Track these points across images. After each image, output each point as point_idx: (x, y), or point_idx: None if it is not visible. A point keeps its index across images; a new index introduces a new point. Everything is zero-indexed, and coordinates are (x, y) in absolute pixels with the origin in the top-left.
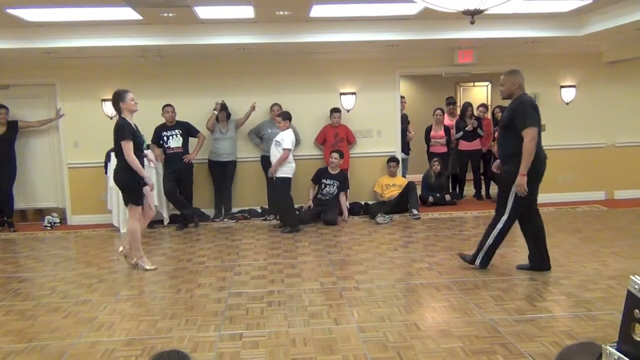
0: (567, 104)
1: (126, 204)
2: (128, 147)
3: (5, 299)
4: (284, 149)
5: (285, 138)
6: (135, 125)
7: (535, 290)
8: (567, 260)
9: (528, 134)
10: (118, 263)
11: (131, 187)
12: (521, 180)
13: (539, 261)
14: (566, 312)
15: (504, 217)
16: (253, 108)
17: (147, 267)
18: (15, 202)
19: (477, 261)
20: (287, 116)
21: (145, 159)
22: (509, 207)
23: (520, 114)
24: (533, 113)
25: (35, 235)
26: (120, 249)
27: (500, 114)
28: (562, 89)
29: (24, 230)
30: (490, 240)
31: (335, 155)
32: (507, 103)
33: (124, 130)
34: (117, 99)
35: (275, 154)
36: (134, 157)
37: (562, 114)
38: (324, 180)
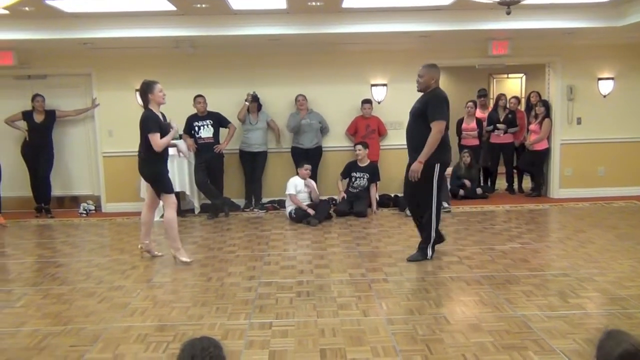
0: (605, 96)
1: (158, 194)
2: (155, 139)
3: (43, 283)
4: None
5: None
6: (163, 114)
7: (568, 286)
8: (601, 256)
9: (436, 126)
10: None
11: (159, 176)
12: (417, 167)
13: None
14: (600, 310)
15: (434, 209)
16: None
17: (184, 260)
18: (53, 189)
19: (429, 253)
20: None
21: (175, 149)
22: (434, 197)
23: (432, 105)
24: (444, 107)
25: (72, 221)
26: (140, 246)
27: (536, 98)
28: (600, 82)
29: (60, 217)
30: (433, 233)
31: (359, 147)
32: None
33: (149, 123)
34: (146, 90)
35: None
36: (161, 144)
37: (599, 107)
38: (354, 174)
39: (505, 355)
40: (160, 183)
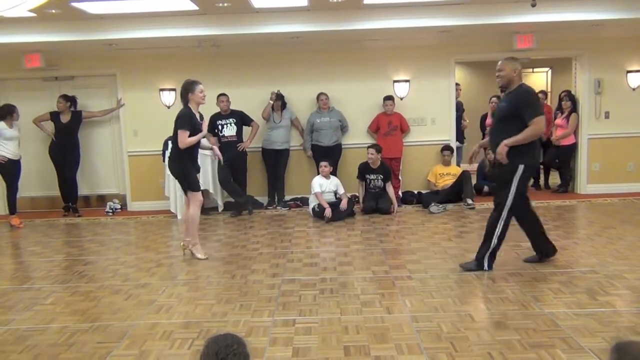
0: (634, 89)
1: (185, 191)
2: (182, 135)
3: (72, 281)
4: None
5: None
6: (200, 115)
7: (597, 283)
8: (631, 253)
9: (536, 124)
10: (175, 249)
11: (185, 174)
12: (502, 149)
13: (545, 248)
14: (630, 307)
15: (505, 214)
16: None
17: (199, 256)
18: (80, 188)
19: (485, 264)
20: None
21: (209, 151)
22: (510, 201)
23: (525, 104)
24: (537, 103)
25: (98, 220)
26: (182, 243)
27: (568, 102)
28: (629, 74)
29: (87, 216)
30: (495, 240)
31: (371, 151)
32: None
33: (183, 119)
34: (187, 89)
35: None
36: (186, 142)
37: (628, 101)
38: (368, 176)
39: (533, 354)
40: (186, 180)
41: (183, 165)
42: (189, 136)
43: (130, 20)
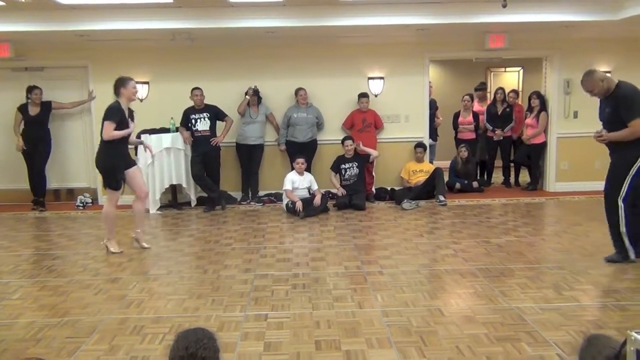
0: None
1: (105, 187)
2: (108, 127)
3: (40, 275)
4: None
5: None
6: (131, 111)
7: (563, 279)
8: (596, 250)
9: (635, 126)
10: (146, 243)
11: (108, 170)
12: (606, 136)
13: (622, 250)
14: (594, 302)
15: (621, 204)
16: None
17: (113, 250)
18: (49, 182)
19: (631, 255)
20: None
21: (142, 146)
22: (624, 193)
23: (624, 106)
24: (638, 102)
25: (68, 214)
26: (133, 235)
27: (537, 100)
28: None
29: (57, 210)
30: (624, 229)
31: (349, 142)
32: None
33: (111, 112)
34: (121, 83)
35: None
36: (111, 135)
37: (596, 101)
38: (343, 166)
39: (499, 347)
40: (108, 177)
41: (108, 160)
42: (115, 129)
43: (102, 11)
